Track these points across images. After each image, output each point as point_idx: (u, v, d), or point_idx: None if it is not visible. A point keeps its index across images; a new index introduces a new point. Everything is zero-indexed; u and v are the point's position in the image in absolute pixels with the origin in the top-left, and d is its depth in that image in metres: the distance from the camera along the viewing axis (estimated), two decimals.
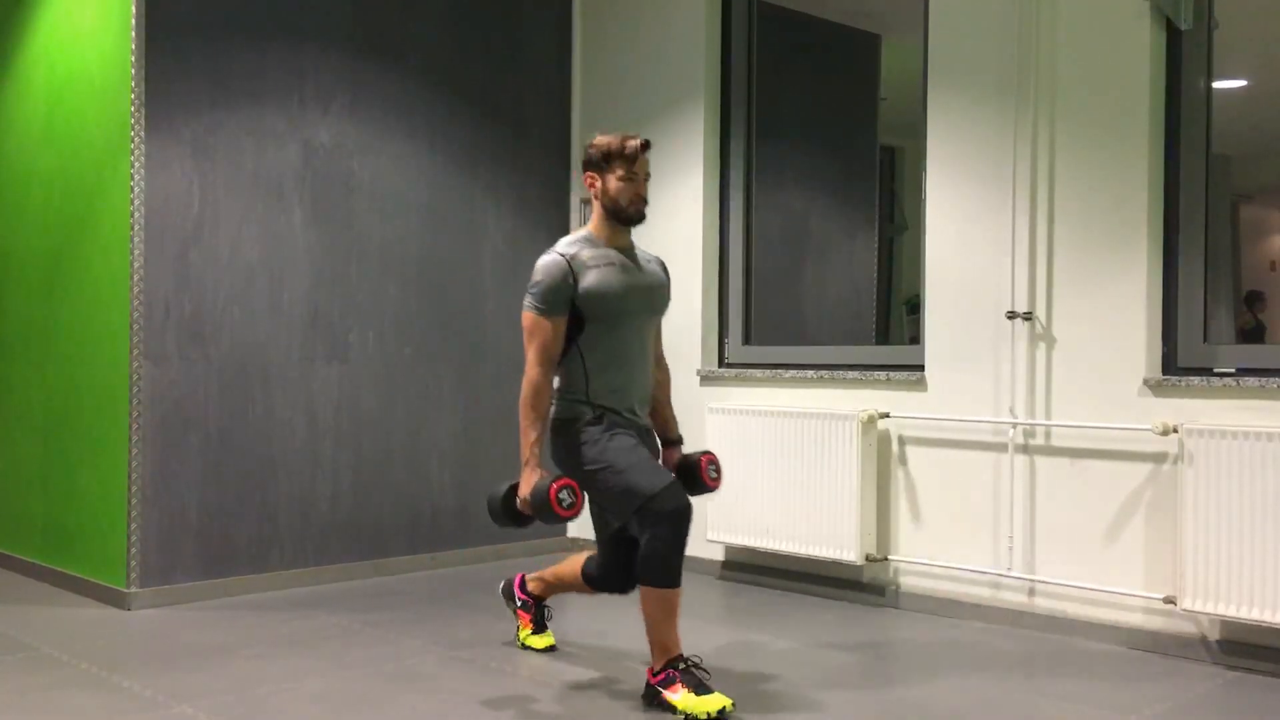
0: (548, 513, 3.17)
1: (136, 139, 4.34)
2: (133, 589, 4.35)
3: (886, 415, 4.47)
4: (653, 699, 3.19)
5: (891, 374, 4.50)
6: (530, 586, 3.84)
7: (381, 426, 5.03)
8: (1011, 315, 4.14)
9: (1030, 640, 3.96)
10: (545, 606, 3.86)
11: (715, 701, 3.07)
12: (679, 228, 5.21)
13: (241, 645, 3.85)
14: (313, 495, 4.82)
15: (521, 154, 5.52)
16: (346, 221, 4.93)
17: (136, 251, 4.34)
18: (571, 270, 3.28)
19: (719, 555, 5.01)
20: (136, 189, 4.34)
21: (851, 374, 4.62)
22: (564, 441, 3.34)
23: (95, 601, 4.49)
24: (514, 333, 5.48)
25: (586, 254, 3.32)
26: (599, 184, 3.37)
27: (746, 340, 5.17)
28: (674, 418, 3.64)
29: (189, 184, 4.49)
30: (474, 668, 3.61)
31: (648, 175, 3.40)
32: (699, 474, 3.49)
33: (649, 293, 3.42)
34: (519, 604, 3.85)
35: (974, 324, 4.26)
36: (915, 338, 4.74)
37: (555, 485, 3.17)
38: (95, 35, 4.57)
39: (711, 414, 4.87)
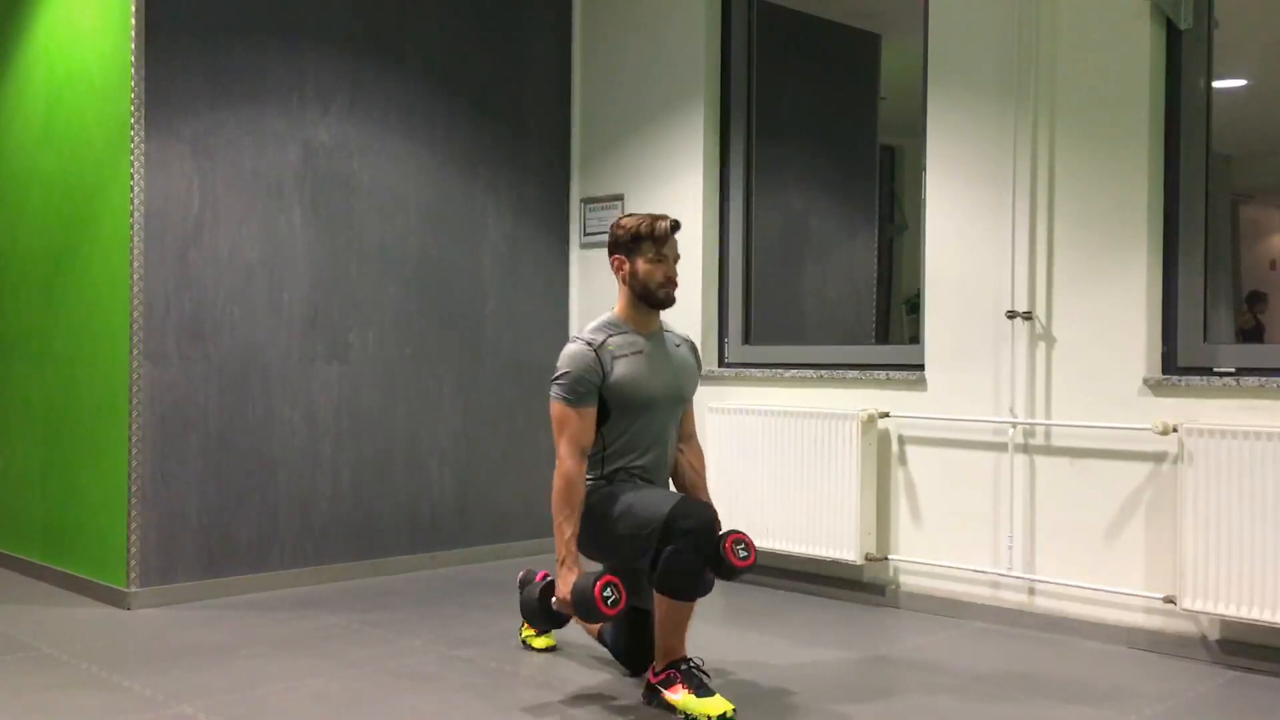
0: (592, 611, 3.06)
1: (136, 139, 4.34)
2: (133, 589, 4.35)
3: (886, 415, 4.47)
4: (652, 697, 3.19)
5: (891, 373, 4.50)
6: None
7: (381, 426, 5.03)
8: (1011, 315, 4.14)
9: (1030, 640, 3.96)
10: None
11: (716, 705, 3.05)
12: None
13: (241, 645, 3.85)
14: (312, 495, 4.82)
15: (521, 154, 5.52)
16: (346, 221, 4.93)
17: (136, 251, 4.34)
18: (599, 360, 3.21)
19: None
20: (136, 189, 4.34)
21: (851, 373, 4.61)
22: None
23: (95, 601, 4.49)
24: (514, 333, 5.49)
25: (614, 342, 3.25)
26: (627, 267, 3.30)
27: (746, 340, 5.18)
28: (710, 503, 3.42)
29: (189, 184, 4.48)
30: (474, 668, 3.61)
31: (678, 256, 3.34)
32: (724, 553, 3.12)
33: (677, 380, 3.36)
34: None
35: (974, 323, 4.26)
36: (915, 337, 4.74)
37: (599, 584, 3.04)
38: (95, 35, 4.57)
39: (711, 414, 4.87)
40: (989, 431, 4.22)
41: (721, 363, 5.17)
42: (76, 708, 3.20)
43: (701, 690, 3.09)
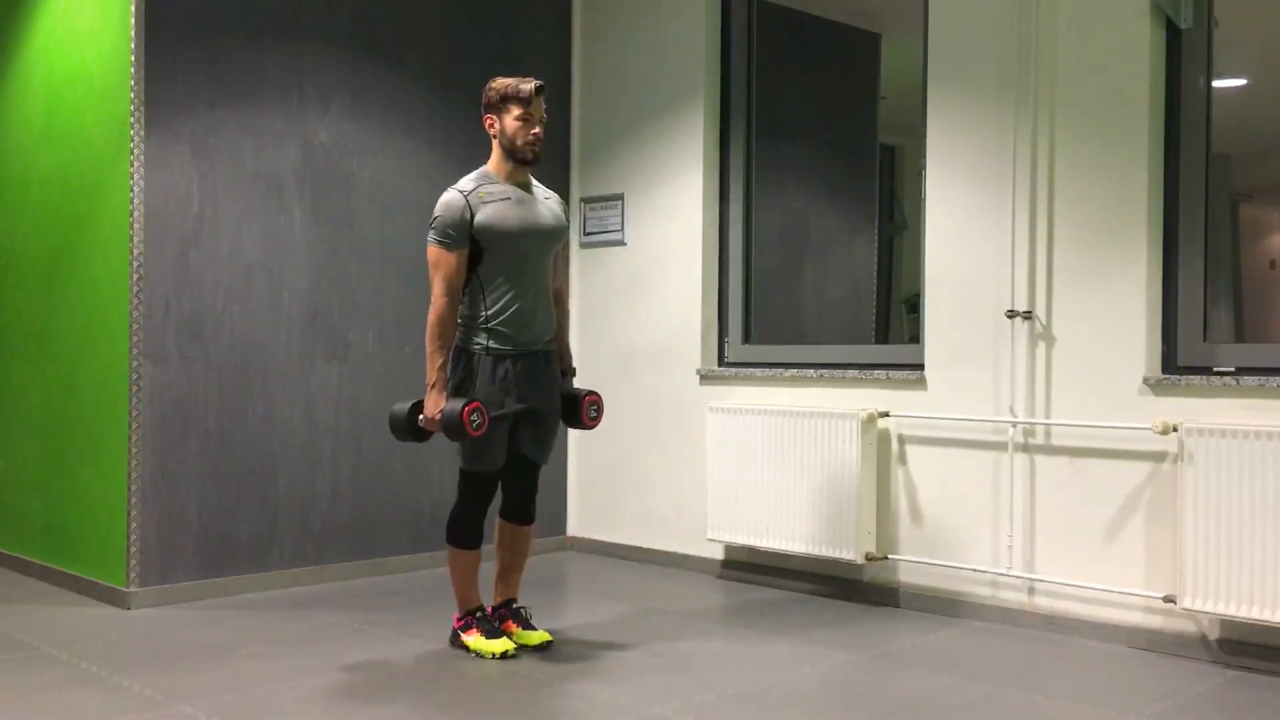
0: (458, 432, 3.47)
1: (136, 138, 4.34)
2: (133, 588, 4.35)
3: (886, 414, 4.47)
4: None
5: (891, 373, 4.50)
6: (495, 600, 3.86)
7: (381, 426, 5.01)
8: (1011, 314, 4.14)
9: (1030, 639, 3.96)
10: (520, 608, 3.87)
11: (501, 644, 3.61)
12: (679, 227, 5.21)
13: (241, 645, 3.85)
14: (312, 495, 4.82)
15: None
16: (346, 221, 4.92)
17: (136, 251, 4.34)
18: (469, 205, 3.56)
19: (718, 554, 5.01)
20: (136, 188, 4.34)
21: (851, 373, 4.61)
22: (461, 368, 3.60)
23: (95, 601, 4.49)
24: None
25: (485, 189, 3.61)
26: (497, 124, 3.66)
27: (746, 339, 5.17)
28: (569, 350, 3.91)
29: (188, 183, 4.48)
30: (474, 667, 3.61)
31: (543, 119, 3.68)
32: (579, 410, 3.80)
33: (541, 223, 3.67)
34: (498, 622, 3.81)
35: (974, 323, 4.26)
36: (915, 336, 4.74)
37: (468, 408, 3.45)
38: (94, 35, 4.57)
39: (711, 413, 4.87)
40: (989, 431, 4.22)
41: (721, 362, 5.17)
42: (76, 708, 3.20)
43: (492, 634, 3.67)
